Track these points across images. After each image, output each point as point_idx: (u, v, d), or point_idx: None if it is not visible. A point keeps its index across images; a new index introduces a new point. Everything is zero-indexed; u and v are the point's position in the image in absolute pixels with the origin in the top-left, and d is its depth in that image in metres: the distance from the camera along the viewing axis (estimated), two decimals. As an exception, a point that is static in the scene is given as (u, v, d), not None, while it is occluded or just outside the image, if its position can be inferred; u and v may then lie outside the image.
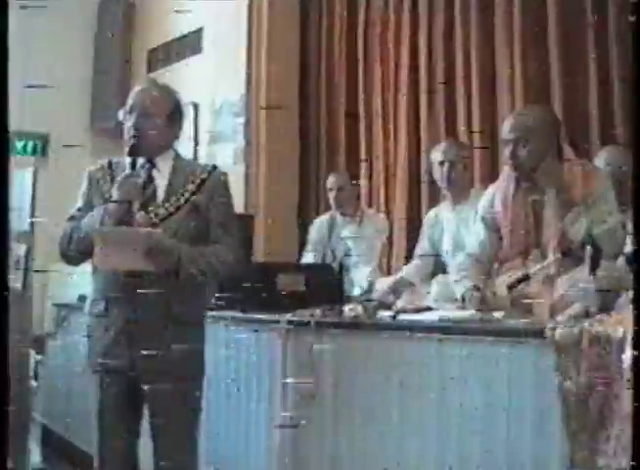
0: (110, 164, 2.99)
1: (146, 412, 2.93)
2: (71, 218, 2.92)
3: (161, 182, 2.91)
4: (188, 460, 2.89)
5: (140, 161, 2.87)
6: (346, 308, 3.35)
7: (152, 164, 2.91)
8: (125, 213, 2.79)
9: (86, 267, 3.00)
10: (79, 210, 2.94)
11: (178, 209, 2.88)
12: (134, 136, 2.86)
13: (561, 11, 4.64)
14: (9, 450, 2.48)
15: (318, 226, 5.11)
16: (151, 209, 2.85)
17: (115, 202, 2.78)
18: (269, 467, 3.33)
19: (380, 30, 5.95)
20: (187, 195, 2.90)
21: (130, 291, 2.79)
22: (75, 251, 2.87)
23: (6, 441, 2.52)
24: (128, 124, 2.89)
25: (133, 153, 2.85)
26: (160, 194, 2.89)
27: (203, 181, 2.93)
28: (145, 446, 2.94)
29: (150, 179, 2.89)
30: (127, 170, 2.83)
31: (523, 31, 4.83)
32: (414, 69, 5.63)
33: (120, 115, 2.95)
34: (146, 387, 2.84)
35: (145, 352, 2.77)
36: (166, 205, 2.88)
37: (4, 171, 2.53)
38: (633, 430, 1.99)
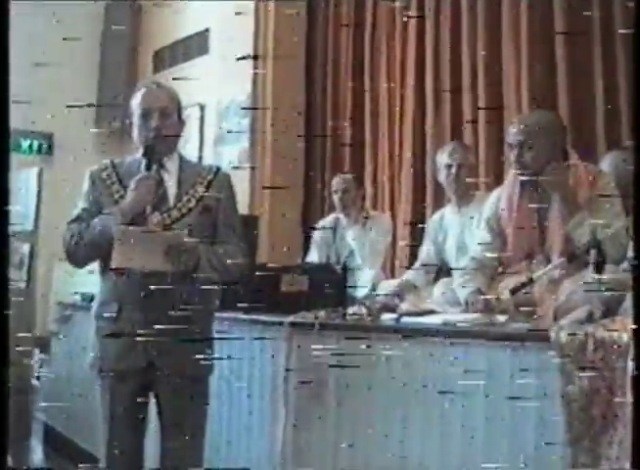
0: (113, 164, 2.98)
1: (152, 410, 2.94)
2: (77, 219, 2.90)
3: (171, 183, 2.92)
4: (195, 457, 2.90)
5: (152, 161, 2.88)
6: (350, 310, 3.34)
7: (160, 164, 2.92)
8: (138, 215, 2.80)
9: (90, 266, 3.00)
10: (84, 210, 2.92)
11: (190, 210, 2.89)
12: (156, 136, 2.87)
13: (567, 15, 4.64)
14: (9, 449, 2.49)
15: (322, 228, 5.11)
16: (163, 210, 2.86)
17: (132, 203, 2.79)
18: (271, 468, 3.33)
19: (386, 32, 5.96)
20: (197, 196, 2.91)
21: (147, 293, 2.80)
22: (84, 252, 2.86)
23: (6, 439, 2.53)
24: (148, 126, 2.88)
25: (151, 153, 2.86)
26: (171, 195, 2.90)
27: (210, 182, 2.95)
28: (148, 444, 2.95)
29: (159, 180, 2.90)
30: (143, 171, 2.84)
31: (529, 35, 4.83)
32: (420, 71, 5.63)
33: (135, 120, 2.93)
34: (158, 387, 2.86)
35: (162, 354, 2.79)
36: (179, 206, 2.89)
37: (4, 172, 2.54)
38: (633, 435, 1.99)
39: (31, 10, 6.36)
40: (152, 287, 2.79)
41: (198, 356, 2.88)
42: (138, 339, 2.80)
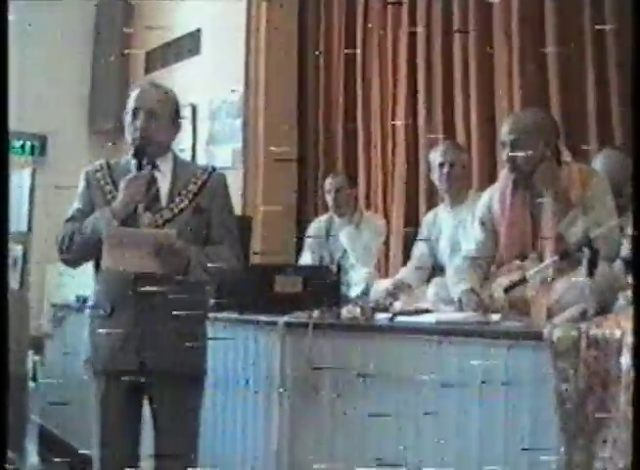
0: (108, 164, 2.98)
1: (147, 412, 2.94)
2: (71, 219, 2.91)
3: (164, 183, 2.92)
4: (188, 458, 2.90)
5: (142, 162, 2.88)
6: (344, 310, 3.35)
7: (153, 165, 2.91)
8: (131, 215, 2.80)
9: (84, 268, 3.00)
10: (78, 210, 2.93)
11: (182, 210, 2.89)
12: (142, 137, 2.87)
13: (559, 13, 4.65)
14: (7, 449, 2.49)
15: (316, 228, 5.11)
16: (155, 210, 2.86)
17: (122, 203, 2.79)
18: (267, 467, 3.33)
19: (378, 32, 5.96)
20: (190, 196, 2.91)
21: (138, 293, 2.80)
22: (77, 252, 2.87)
23: (5, 439, 2.53)
24: (135, 125, 2.89)
25: (139, 154, 2.86)
26: (164, 195, 2.90)
27: (204, 183, 2.94)
28: (145, 444, 2.95)
29: (152, 181, 2.90)
30: (133, 172, 2.84)
31: (520, 33, 4.84)
32: (412, 69, 5.64)
33: (126, 118, 2.94)
34: (151, 388, 2.85)
35: (154, 354, 2.79)
36: (171, 206, 2.89)
37: (4, 172, 2.55)
38: (633, 435, 2.00)
39: (24, 9, 6.36)
40: (143, 288, 2.79)
41: (190, 357, 2.88)
42: (129, 339, 2.81)
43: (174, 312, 2.82)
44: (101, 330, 2.86)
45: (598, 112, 4.46)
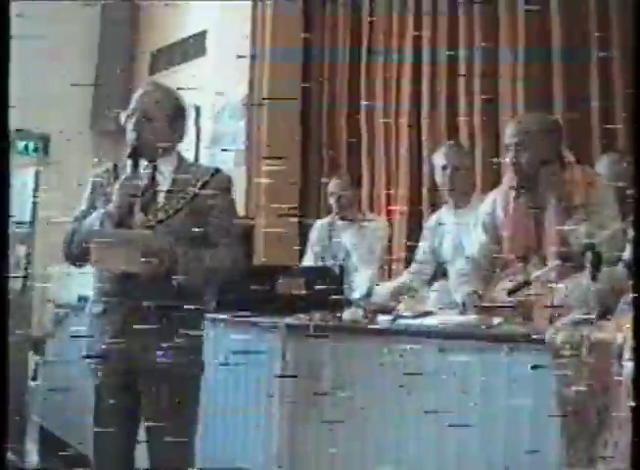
0: (115, 166, 2.99)
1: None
2: (75, 220, 2.94)
3: (163, 185, 2.91)
4: (182, 461, 2.88)
5: (143, 163, 2.88)
6: (346, 312, 3.34)
7: (154, 166, 2.91)
8: (126, 215, 2.80)
9: (86, 268, 3.00)
10: (82, 212, 2.95)
11: (178, 211, 2.87)
12: (134, 139, 2.87)
13: (564, 14, 4.64)
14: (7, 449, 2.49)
15: (319, 230, 5.10)
16: (151, 211, 2.85)
17: (115, 204, 2.80)
18: (267, 469, 3.33)
19: (383, 33, 5.96)
20: (188, 197, 2.89)
21: (128, 292, 2.79)
22: (76, 252, 2.88)
23: (5, 439, 2.53)
24: (129, 127, 2.90)
25: (133, 155, 2.86)
26: (162, 196, 2.89)
27: (204, 184, 2.92)
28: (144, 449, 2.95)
29: (152, 181, 2.89)
30: (128, 173, 2.84)
31: (526, 35, 4.84)
32: (416, 71, 5.64)
33: (122, 117, 2.96)
34: (143, 388, 2.84)
35: (142, 354, 2.78)
36: (166, 207, 2.87)
37: (4, 172, 2.55)
38: (633, 437, 1.99)
39: (28, 10, 6.36)
40: (131, 288, 2.79)
41: (181, 358, 2.85)
42: (119, 338, 2.80)
43: (163, 313, 2.81)
44: (94, 328, 2.88)
45: (601, 115, 4.45)
